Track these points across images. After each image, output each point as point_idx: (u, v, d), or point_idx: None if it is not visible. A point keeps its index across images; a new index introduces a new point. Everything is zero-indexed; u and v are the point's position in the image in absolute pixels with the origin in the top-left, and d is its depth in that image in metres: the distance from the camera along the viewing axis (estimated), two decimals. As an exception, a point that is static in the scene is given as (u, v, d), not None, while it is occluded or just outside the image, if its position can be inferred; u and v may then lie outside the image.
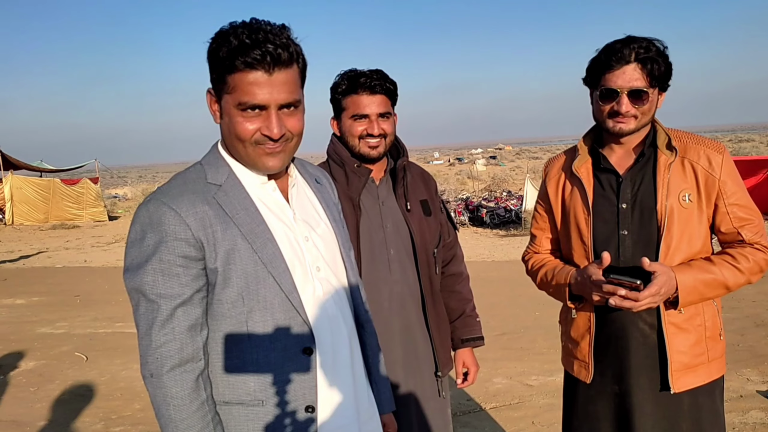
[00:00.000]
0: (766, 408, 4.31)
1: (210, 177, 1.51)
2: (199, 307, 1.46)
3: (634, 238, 2.04)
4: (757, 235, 2.02)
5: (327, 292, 1.59)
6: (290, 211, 1.58)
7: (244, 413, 1.49)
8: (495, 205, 21.54)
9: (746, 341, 5.79)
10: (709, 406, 2.09)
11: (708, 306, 2.07)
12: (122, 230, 20.76)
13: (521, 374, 5.33)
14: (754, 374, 4.96)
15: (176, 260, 1.41)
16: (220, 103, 1.47)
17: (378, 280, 2.27)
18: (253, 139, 1.45)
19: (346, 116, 2.29)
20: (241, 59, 1.37)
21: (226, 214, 1.46)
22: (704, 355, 2.05)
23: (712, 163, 2.00)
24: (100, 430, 4.58)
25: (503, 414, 4.53)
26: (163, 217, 1.41)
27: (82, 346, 6.79)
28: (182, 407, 1.42)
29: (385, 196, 2.35)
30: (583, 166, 2.13)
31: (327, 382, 1.57)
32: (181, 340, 1.42)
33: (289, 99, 1.45)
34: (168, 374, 1.41)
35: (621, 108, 1.95)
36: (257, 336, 1.47)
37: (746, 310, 6.79)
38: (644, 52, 1.91)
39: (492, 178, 36.67)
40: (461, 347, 2.55)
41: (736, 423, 4.10)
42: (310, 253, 1.58)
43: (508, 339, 6.40)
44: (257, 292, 1.46)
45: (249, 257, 1.46)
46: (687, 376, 2.03)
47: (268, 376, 1.48)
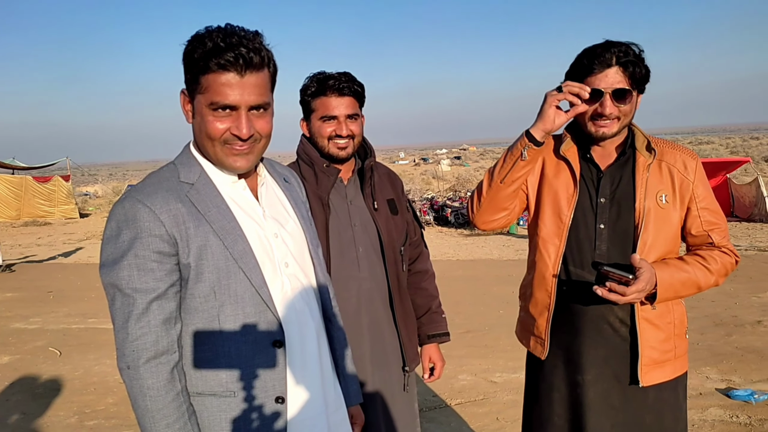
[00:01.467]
0: (724, 405, 4.40)
1: (183, 176, 1.56)
2: (173, 301, 1.50)
3: (610, 233, 2.08)
4: (725, 239, 2.10)
5: (295, 287, 1.64)
6: (260, 209, 1.64)
7: (217, 404, 1.53)
8: (459, 205, 21.68)
9: (706, 340, 5.92)
10: (672, 401, 2.14)
11: (678, 305, 2.13)
12: (93, 228, 20.64)
13: (486, 371, 5.37)
14: (713, 372, 5.07)
15: (151, 255, 1.45)
16: (193, 103, 1.52)
17: (347, 277, 2.30)
18: (223, 138, 1.50)
19: (315, 117, 2.32)
20: (215, 61, 1.43)
21: (198, 212, 1.52)
22: (672, 352, 2.10)
23: (687, 167, 2.07)
24: (74, 424, 4.54)
25: (468, 410, 4.55)
26: (138, 214, 1.45)
27: (55, 342, 6.74)
28: (158, 398, 1.46)
29: (353, 196, 2.38)
30: (570, 150, 2.15)
31: (296, 374, 1.61)
32: (157, 333, 1.46)
33: (259, 101, 1.50)
34: (144, 366, 1.45)
35: (605, 109, 1.97)
36: (228, 329, 1.52)
37: (706, 309, 6.95)
38: (624, 56, 1.94)
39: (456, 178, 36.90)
40: (427, 343, 2.58)
41: (696, 420, 4.18)
42: (279, 250, 1.63)
43: (472, 337, 6.44)
44: (228, 286, 1.52)
45: (221, 253, 1.51)
46: (655, 371, 2.08)
47: (240, 368, 1.53)
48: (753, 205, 19.00)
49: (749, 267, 9.09)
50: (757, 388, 4.62)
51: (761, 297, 7.52)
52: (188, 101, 1.54)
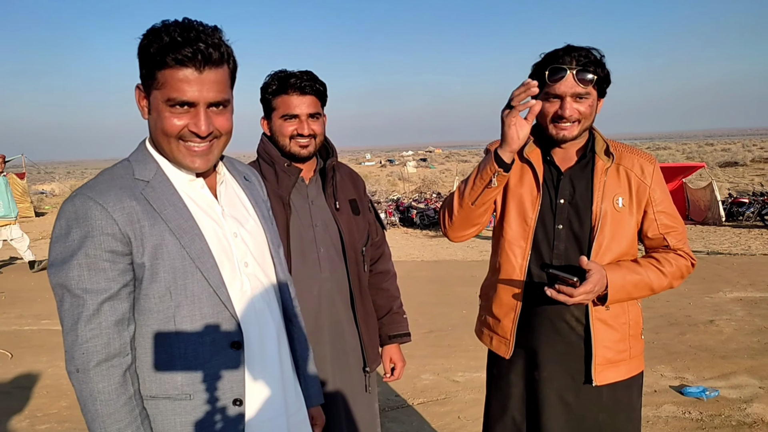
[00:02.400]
0: (677, 402, 4.49)
1: (137, 173, 1.50)
2: (126, 302, 1.45)
3: (567, 234, 2.10)
4: (681, 242, 2.13)
5: (255, 287, 1.61)
6: (219, 208, 1.60)
7: (171, 408, 1.48)
8: (425, 207, 21.76)
9: (660, 339, 6.04)
10: (626, 400, 2.17)
11: (633, 306, 2.15)
12: (49, 227, 20.06)
13: (448, 370, 5.39)
14: (667, 370, 5.17)
15: (103, 255, 1.40)
16: (149, 98, 1.47)
17: (308, 278, 2.27)
18: (180, 135, 1.46)
19: (277, 116, 2.29)
20: (172, 56, 1.38)
21: (153, 210, 1.46)
22: (626, 352, 2.13)
23: (644, 171, 2.10)
24: (25, 428, 4.42)
25: (430, 409, 4.56)
26: (89, 211, 1.39)
27: (6, 344, 6.54)
28: (109, 402, 1.41)
29: (314, 196, 2.35)
30: (533, 153, 2.17)
31: (255, 375, 1.58)
32: (108, 335, 1.41)
33: (218, 98, 1.46)
34: (95, 369, 1.39)
35: (565, 112, 2.00)
36: (185, 330, 1.48)
37: (661, 309, 7.08)
38: (584, 59, 1.97)
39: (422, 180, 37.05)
40: (388, 343, 2.57)
41: (650, 417, 4.26)
42: (239, 249, 1.59)
43: (435, 336, 6.46)
44: (185, 286, 1.47)
45: (177, 252, 1.46)
46: (609, 371, 2.10)
47: (196, 370, 1.49)
48: (707, 208, 19.50)
49: (702, 269, 9.30)
50: (709, 385, 4.73)
51: (713, 297, 7.70)
52: (144, 97, 1.49)
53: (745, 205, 19.13)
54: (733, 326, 6.34)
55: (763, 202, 18.37)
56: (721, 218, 18.77)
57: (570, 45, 2.02)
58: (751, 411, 4.27)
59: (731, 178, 33.64)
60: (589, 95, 2.01)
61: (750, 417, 4.18)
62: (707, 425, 4.10)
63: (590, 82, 1.99)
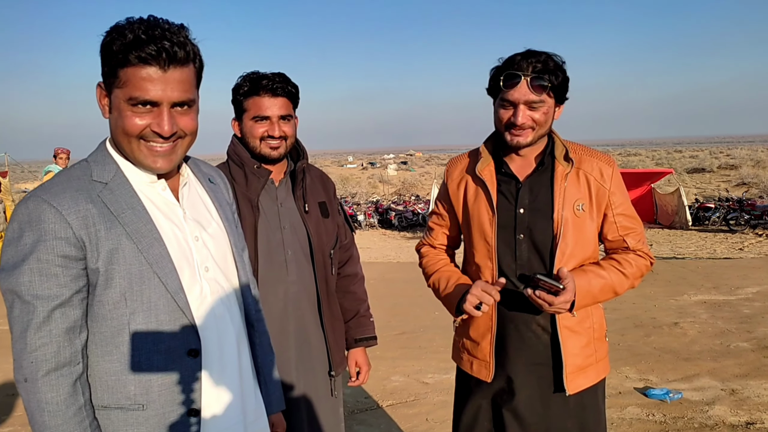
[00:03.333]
0: (641, 404, 4.46)
1: (95, 175, 1.42)
2: (79, 309, 1.36)
3: (529, 243, 2.04)
4: (640, 243, 2.09)
5: (215, 292, 1.53)
6: (180, 211, 1.52)
7: (123, 418, 1.40)
8: (403, 209, 21.75)
9: (626, 341, 6.02)
10: (592, 405, 2.12)
11: (596, 309, 2.11)
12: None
13: (418, 372, 5.32)
14: (632, 372, 5.15)
15: (55, 260, 1.32)
16: (110, 97, 1.39)
17: (274, 281, 2.20)
18: (141, 135, 1.38)
19: (248, 117, 2.22)
20: (135, 53, 1.31)
21: (111, 213, 1.38)
22: (593, 356, 2.08)
23: (603, 175, 2.04)
24: None
25: (399, 411, 4.49)
26: (42, 215, 1.31)
27: None
28: (58, 413, 1.32)
29: (283, 198, 2.29)
30: (486, 169, 2.10)
31: (213, 383, 1.50)
32: (59, 343, 1.33)
33: (183, 97, 1.39)
34: (43, 379, 1.31)
35: (518, 119, 1.94)
36: (140, 338, 1.40)
37: (626, 311, 7.09)
38: (541, 66, 1.91)
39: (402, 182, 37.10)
40: (354, 347, 2.50)
41: (615, 418, 4.22)
42: (200, 253, 1.51)
43: (407, 338, 6.39)
44: (141, 292, 1.39)
45: (134, 257, 1.38)
46: (579, 378, 2.05)
47: (151, 379, 1.40)
48: (675, 213, 19.71)
49: (668, 271, 9.36)
50: (673, 387, 4.71)
51: (678, 300, 7.73)
52: (105, 95, 1.40)
53: (711, 210, 19.38)
54: (697, 329, 6.35)
55: (728, 208, 18.61)
56: (688, 222, 18.99)
57: (530, 50, 1.96)
58: (713, 413, 4.25)
59: (698, 184, 34.11)
60: (544, 103, 1.95)
61: (712, 419, 4.16)
62: (670, 427, 4.07)
63: (544, 89, 1.93)
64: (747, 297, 7.54)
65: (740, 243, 14.99)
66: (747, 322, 6.48)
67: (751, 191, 24.52)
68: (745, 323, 6.46)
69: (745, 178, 31.37)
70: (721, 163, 42.27)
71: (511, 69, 1.92)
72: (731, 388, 4.71)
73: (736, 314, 6.74)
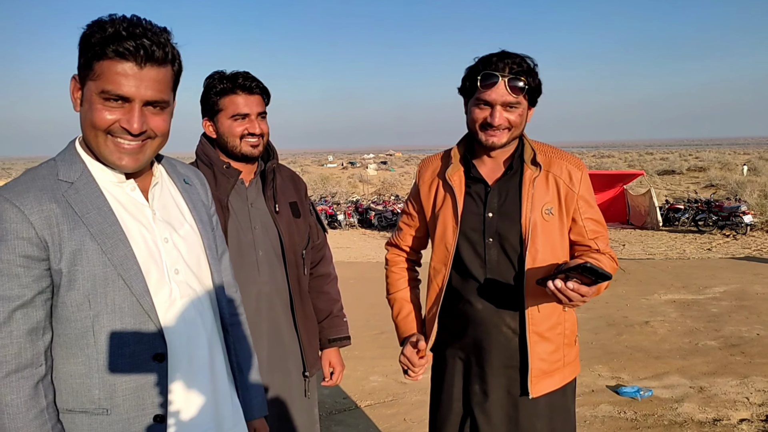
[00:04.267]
0: (613, 402, 4.49)
1: (62, 174, 1.38)
2: (42, 310, 1.32)
3: (498, 247, 2.02)
4: (607, 247, 2.08)
5: (185, 294, 1.47)
6: (149, 211, 1.46)
7: (88, 422, 1.35)
8: (383, 209, 21.71)
9: (599, 340, 6.07)
10: (561, 405, 2.11)
11: (570, 314, 2.08)
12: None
13: (396, 372, 5.29)
14: (604, 370, 5.19)
15: (17, 260, 1.27)
16: (83, 89, 1.35)
17: (246, 281, 2.16)
18: (109, 129, 1.34)
19: (225, 116, 2.18)
20: (112, 47, 1.28)
21: (75, 213, 1.34)
22: (560, 361, 2.06)
23: (572, 178, 2.01)
24: None
25: (377, 411, 4.47)
26: (4, 214, 1.28)
27: None
28: (18, 416, 1.27)
29: (254, 198, 2.25)
30: (455, 174, 2.08)
31: (181, 389, 1.45)
32: (20, 345, 1.28)
33: (156, 97, 1.35)
34: (3, 380, 1.26)
35: (494, 120, 1.91)
36: (103, 341, 1.35)
37: (600, 310, 7.14)
38: (517, 67, 1.89)
39: (382, 182, 37.08)
40: (328, 347, 2.48)
41: (587, 416, 4.25)
42: (169, 255, 1.46)
43: (386, 338, 6.37)
44: (105, 295, 1.34)
45: (98, 259, 1.33)
46: (543, 382, 2.03)
47: (115, 383, 1.36)
48: (646, 214, 19.95)
49: (640, 271, 9.46)
50: (643, 385, 4.75)
51: (649, 299, 7.81)
52: (78, 88, 1.36)
53: (681, 211, 19.64)
54: (667, 327, 6.42)
55: (697, 209, 18.87)
56: (659, 223, 19.23)
57: (505, 51, 1.94)
58: (682, 410, 4.30)
59: (668, 186, 34.55)
60: (520, 104, 1.94)
61: (681, 416, 4.21)
62: (641, 425, 4.10)
63: (521, 90, 1.91)
64: (715, 296, 7.65)
65: (708, 243, 15.22)
66: (715, 321, 6.57)
67: (719, 193, 24.88)
68: (712, 322, 6.54)
69: (713, 180, 31.84)
70: (690, 166, 42.90)
71: (488, 69, 1.90)
72: (699, 385, 4.76)
73: (705, 313, 6.83)
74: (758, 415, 4.18)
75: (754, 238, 15.86)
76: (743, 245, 14.28)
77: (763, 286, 7.99)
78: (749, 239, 15.56)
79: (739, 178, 29.60)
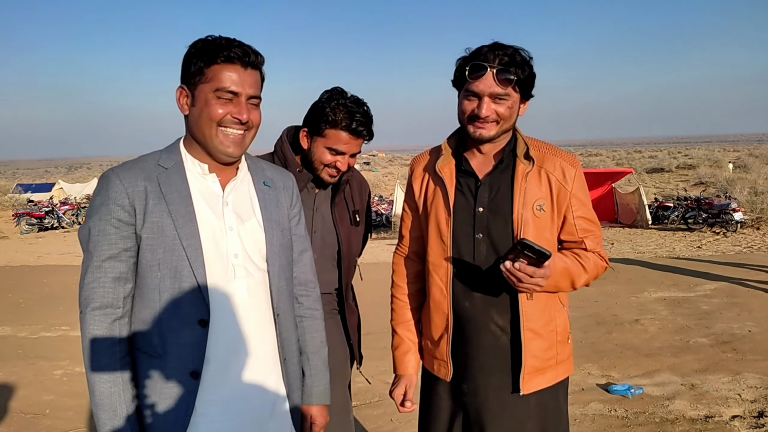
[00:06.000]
0: (604, 400, 4.53)
1: (161, 161, 1.72)
2: (125, 264, 1.64)
3: (488, 243, 2.01)
4: (598, 246, 2.07)
5: (240, 276, 1.73)
6: (221, 201, 1.75)
7: (147, 362, 1.66)
8: (367, 209, 21.68)
9: (588, 338, 6.11)
10: (553, 405, 2.11)
11: (561, 311, 2.09)
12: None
13: (383, 373, 5.29)
14: (594, 369, 5.23)
15: (111, 221, 1.62)
16: (194, 93, 1.67)
17: None
18: (221, 121, 1.66)
19: (322, 144, 2.29)
20: (224, 54, 1.63)
21: (161, 192, 1.66)
22: (554, 359, 2.06)
23: (566, 176, 2.01)
24: None
25: (363, 412, 4.48)
26: (110, 184, 1.64)
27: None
28: (95, 341, 1.60)
29: (320, 203, 2.36)
30: (446, 167, 2.08)
31: (218, 356, 1.68)
32: (105, 288, 1.61)
33: (256, 92, 1.71)
34: (90, 313, 1.61)
35: (482, 111, 1.91)
36: (165, 299, 1.65)
37: (589, 309, 7.20)
38: (508, 59, 1.88)
39: (365, 182, 36.95)
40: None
41: (578, 415, 4.28)
42: (232, 242, 1.72)
43: (372, 338, 6.33)
44: (171, 261, 1.64)
45: (170, 231, 1.64)
46: (536, 379, 2.02)
47: (167, 335, 1.64)
48: (636, 212, 20.12)
49: (629, 270, 9.54)
50: (634, 383, 4.80)
51: (639, 297, 7.88)
52: (185, 94, 1.69)
53: (670, 209, 19.84)
54: (657, 325, 6.49)
55: (686, 207, 19.08)
56: (648, 221, 19.41)
57: (497, 42, 1.93)
58: (673, 408, 4.35)
59: (657, 184, 34.89)
60: (509, 96, 1.93)
61: (672, 414, 4.25)
62: (632, 422, 4.14)
63: (510, 82, 1.90)
64: (705, 294, 7.74)
65: (698, 241, 15.38)
66: (705, 318, 6.64)
67: (709, 190, 25.16)
68: (703, 319, 6.62)
69: (703, 177, 32.22)
70: (679, 163, 43.33)
71: (477, 60, 1.90)
72: (691, 382, 4.82)
73: (695, 311, 6.90)
74: (750, 412, 4.24)
75: (744, 235, 16.07)
76: (733, 242, 14.46)
77: (753, 283, 8.11)
78: (739, 236, 15.76)
79: (729, 175, 29.99)
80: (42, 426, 4.37)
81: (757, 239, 14.80)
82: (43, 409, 4.66)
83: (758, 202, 17.92)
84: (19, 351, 5.96)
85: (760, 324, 6.32)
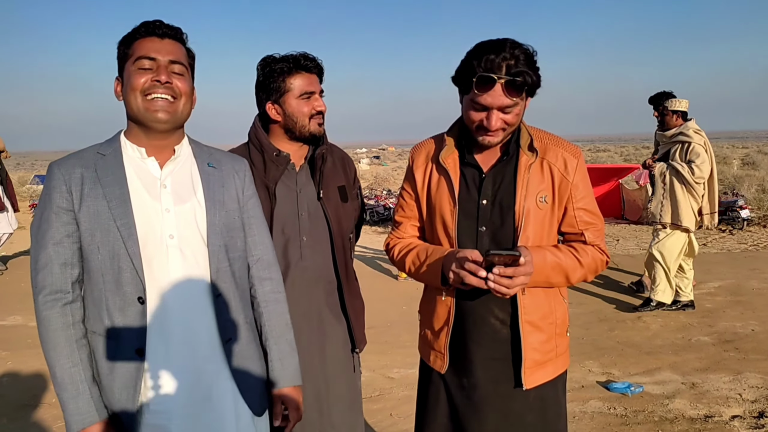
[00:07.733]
0: (603, 398, 4.50)
1: (101, 149, 1.80)
2: (69, 250, 1.72)
3: (491, 235, 2.00)
4: (598, 239, 2.05)
5: (173, 256, 1.77)
6: (159, 183, 1.79)
7: (102, 343, 1.74)
8: (375, 203, 21.67)
9: (590, 335, 6.07)
10: (552, 398, 2.10)
11: (560, 304, 2.08)
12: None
13: (384, 367, 5.29)
14: (595, 366, 5.19)
15: (53, 208, 1.72)
16: (123, 77, 1.78)
17: (288, 266, 2.27)
18: (145, 89, 1.73)
19: (292, 96, 2.26)
20: (140, 32, 1.76)
21: (97, 177, 1.74)
22: (553, 351, 2.06)
23: (567, 166, 1.99)
24: None
25: (364, 406, 4.43)
26: (51, 174, 1.75)
27: None
28: (48, 326, 1.70)
29: (303, 184, 2.32)
30: (450, 157, 2.06)
31: (160, 334, 1.75)
32: (53, 274, 1.71)
33: (177, 58, 1.78)
34: (42, 299, 1.70)
35: (491, 125, 1.88)
36: (107, 280, 1.73)
37: (591, 306, 7.14)
38: (515, 65, 1.82)
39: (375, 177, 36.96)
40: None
41: (577, 412, 4.25)
42: (167, 223, 1.77)
43: (374, 333, 6.32)
44: (108, 242, 1.71)
45: (105, 213, 1.71)
46: (537, 373, 2.03)
47: (113, 316, 1.73)
48: (642, 208, 19.97)
49: (633, 266, 9.44)
50: (634, 381, 4.76)
51: (642, 294, 7.80)
52: (119, 83, 1.80)
53: (677, 206, 19.66)
54: (660, 323, 6.43)
55: (693, 203, 18.89)
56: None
57: (503, 44, 1.85)
58: (673, 407, 4.31)
59: (665, 180, 34.59)
60: (518, 104, 1.90)
61: (672, 413, 4.21)
62: (631, 421, 4.11)
63: (519, 92, 1.86)
64: (709, 291, 7.66)
65: (704, 238, 15.26)
66: (708, 317, 6.57)
67: (716, 187, 24.93)
68: (706, 317, 6.55)
69: (710, 174, 31.92)
70: (687, 160, 42.94)
71: (484, 71, 1.83)
72: (691, 381, 4.77)
73: (698, 308, 6.83)
74: (750, 412, 4.19)
75: (751, 233, 15.91)
76: (739, 240, 14.32)
77: (759, 282, 8.02)
78: (746, 234, 15.61)
79: (737, 172, 29.71)
80: (49, 415, 4.39)
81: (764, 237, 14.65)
82: (51, 399, 4.68)
83: (766, 199, 17.72)
84: (29, 341, 5.98)
85: (764, 323, 6.24)
